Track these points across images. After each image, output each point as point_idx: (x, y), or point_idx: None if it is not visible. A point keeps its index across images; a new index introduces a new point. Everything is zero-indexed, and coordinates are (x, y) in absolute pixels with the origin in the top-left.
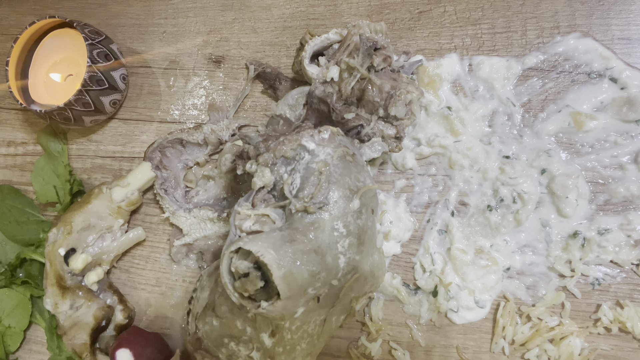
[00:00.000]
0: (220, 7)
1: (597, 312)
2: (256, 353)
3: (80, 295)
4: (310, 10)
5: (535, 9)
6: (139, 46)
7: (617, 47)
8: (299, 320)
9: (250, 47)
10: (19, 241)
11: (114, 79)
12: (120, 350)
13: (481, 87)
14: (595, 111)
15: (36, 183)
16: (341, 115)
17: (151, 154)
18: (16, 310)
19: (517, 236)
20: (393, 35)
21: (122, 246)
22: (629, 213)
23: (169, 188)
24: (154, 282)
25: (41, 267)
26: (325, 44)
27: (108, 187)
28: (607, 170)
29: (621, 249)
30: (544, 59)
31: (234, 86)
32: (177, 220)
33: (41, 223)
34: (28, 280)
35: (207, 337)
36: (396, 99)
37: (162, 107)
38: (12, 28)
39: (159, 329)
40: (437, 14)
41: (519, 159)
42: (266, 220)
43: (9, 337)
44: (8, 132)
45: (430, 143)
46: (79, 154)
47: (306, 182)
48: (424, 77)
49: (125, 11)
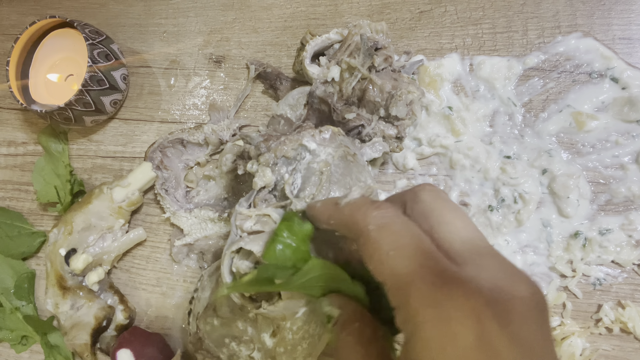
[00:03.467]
0: (221, 7)
1: (599, 312)
2: (257, 353)
3: (81, 295)
4: (311, 10)
5: (536, 8)
6: (139, 46)
7: (618, 47)
8: (300, 321)
9: (251, 47)
10: (13, 255)
11: (114, 79)
12: (121, 350)
13: (482, 87)
14: (597, 111)
15: (37, 183)
16: (342, 115)
17: (152, 154)
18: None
19: (518, 236)
20: (394, 35)
21: (123, 246)
22: (630, 213)
23: (169, 188)
24: (154, 282)
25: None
26: (326, 43)
27: (109, 187)
28: (608, 170)
29: (622, 249)
30: (545, 58)
31: (235, 86)
32: (178, 220)
33: (33, 234)
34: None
35: (208, 337)
36: (397, 99)
37: (163, 107)
38: (13, 28)
39: (159, 329)
40: (438, 14)
41: (520, 159)
42: (267, 221)
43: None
44: (8, 132)
45: (431, 143)
46: (80, 154)
47: (307, 182)
48: (425, 77)
49: (125, 11)
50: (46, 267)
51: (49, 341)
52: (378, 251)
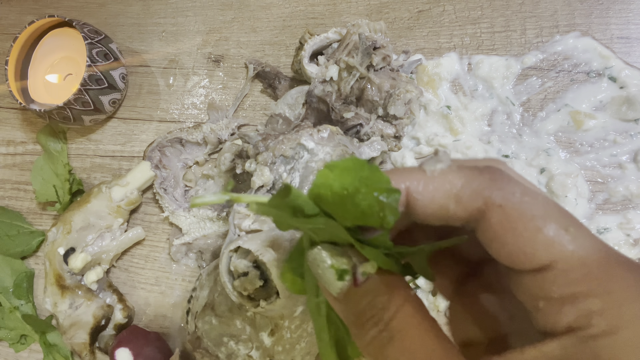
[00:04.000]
0: (219, 7)
1: None
2: (255, 352)
3: (79, 294)
4: (309, 10)
5: (535, 8)
6: (138, 45)
7: (616, 46)
8: (299, 319)
9: (250, 46)
10: (12, 255)
11: (113, 78)
12: (120, 349)
13: (480, 86)
14: (595, 110)
15: (35, 182)
16: (340, 115)
17: (150, 153)
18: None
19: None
20: (392, 34)
21: (122, 245)
22: (628, 212)
23: (168, 187)
24: (153, 282)
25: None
26: (324, 43)
27: (107, 186)
28: (606, 169)
29: (620, 247)
30: (543, 58)
31: (234, 85)
32: (177, 219)
33: (32, 234)
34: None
35: (206, 336)
36: (395, 98)
37: (162, 107)
38: (11, 27)
39: (158, 328)
40: (437, 13)
41: (518, 158)
42: (265, 220)
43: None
44: (7, 131)
45: (430, 142)
46: (79, 153)
47: (305, 181)
48: (423, 76)
49: (124, 10)
50: (45, 266)
51: (48, 340)
52: (540, 229)
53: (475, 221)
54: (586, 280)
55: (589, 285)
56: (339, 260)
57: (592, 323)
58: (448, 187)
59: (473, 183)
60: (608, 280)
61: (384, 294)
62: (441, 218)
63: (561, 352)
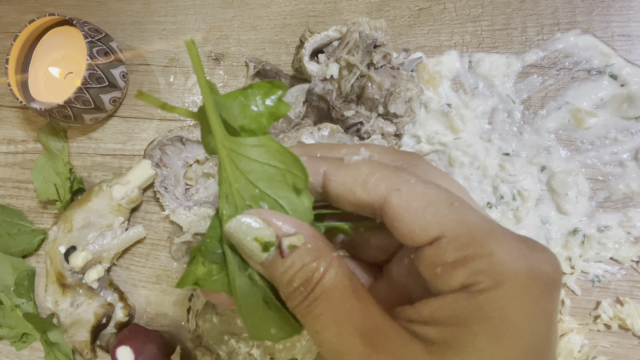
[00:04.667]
0: (220, 5)
1: (597, 309)
2: (256, 350)
3: (80, 292)
4: (309, 8)
5: (535, 5)
6: (138, 44)
7: (617, 44)
8: None
9: (250, 44)
10: (13, 253)
11: (113, 77)
12: (121, 347)
13: (481, 84)
14: (595, 108)
15: (36, 181)
16: (341, 113)
17: (151, 152)
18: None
19: (517, 233)
20: (393, 33)
21: (123, 244)
22: (629, 210)
23: (169, 186)
24: (154, 280)
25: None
26: (324, 41)
27: (108, 185)
28: (607, 167)
29: (621, 245)
30: (544, 55)
31: (234, 84)
32: (177, 217)
33: (33, 232)
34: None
35: (207, 335)
36: (396, 96)
37: None
38: (12, 26)
39: (159, 326)
40: (437, 11)
41: (519, 156)
42: None
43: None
44: (8, 130)
45: (430, 140)
46: (79, 152)
47: None
48: (424, 74)
49: (125, 9)
50: (46, 265)
51: (49, 338)
52: (430, 204)
53: (381, 209)
54: (473, 245)
55: (475, 249)
56: (261, 232)
57: (479, 280)
58: (357, 174)
59: (378, 172)
60: (491, 244)
61: (310, 262)
62: (351, 202)
63: (455, 304)
